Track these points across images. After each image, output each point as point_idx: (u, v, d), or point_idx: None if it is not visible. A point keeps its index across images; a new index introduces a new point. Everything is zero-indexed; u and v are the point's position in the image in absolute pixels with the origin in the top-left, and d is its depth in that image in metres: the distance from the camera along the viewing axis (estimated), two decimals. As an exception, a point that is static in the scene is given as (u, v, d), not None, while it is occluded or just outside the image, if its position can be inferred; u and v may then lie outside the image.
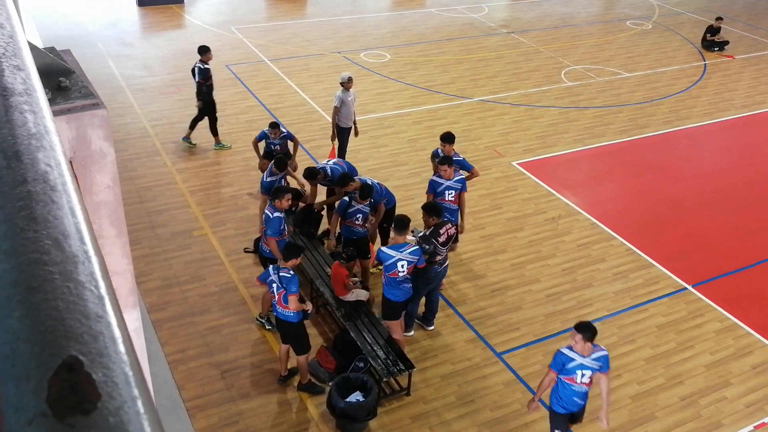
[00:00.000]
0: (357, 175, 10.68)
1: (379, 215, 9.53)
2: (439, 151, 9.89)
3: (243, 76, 16.66)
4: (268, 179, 9.88)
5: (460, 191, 9.42)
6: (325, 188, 10.58)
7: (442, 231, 8.34)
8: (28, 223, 0.83)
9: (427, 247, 8.19)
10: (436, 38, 20.06)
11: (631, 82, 17.78)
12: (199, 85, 12.71)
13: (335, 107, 11.99)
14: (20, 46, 1.32)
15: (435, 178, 9.43)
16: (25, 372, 0.66)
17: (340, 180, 9.49)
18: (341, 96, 11.90)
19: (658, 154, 14.29)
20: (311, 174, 9.93)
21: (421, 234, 8.35)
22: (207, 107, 12.95)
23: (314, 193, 10.37)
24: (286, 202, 8.51)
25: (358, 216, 9.20)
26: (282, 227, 8.58)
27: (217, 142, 13.33)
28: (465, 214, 9.68)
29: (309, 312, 7.81)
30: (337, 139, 12.36)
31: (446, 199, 9.32)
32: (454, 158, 9.53)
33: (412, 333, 8.98)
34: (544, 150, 14.04)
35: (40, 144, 1.00)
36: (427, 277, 8.43)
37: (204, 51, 12.63)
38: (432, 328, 9.10)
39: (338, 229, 9.61)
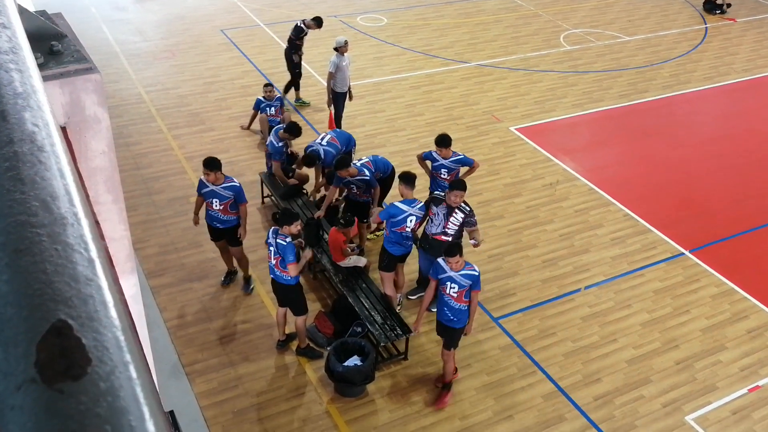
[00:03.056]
0: (354, 145, 10.58)
1: (374, 196, 9.55)
2: (434, 153, 9.31)
3: (238, 40, 16.45)
4: (279, 144, 9.96)
5: (456, 170, 9.32)
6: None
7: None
8: (15, 184, 0.80)
9: (476, 218, 8.36)
10: (434, 1, 19.78)
11: (631, 45, 17.60)
12: (290, 40, 13.10)
13: (330, 72, 11.86)
14: (5, 3, 1.28)
15: (433, 153, 9.33)
16: (13, 336, 0.64)
17: (335, 166, 9.30)
18: (336, 61, 11.77)
19: (657, 119, 14.21)
20: (310, 161, 9.79)
21: (468, 212, 8.24)
22: (292, 64, 13.22)
23: (318, 176, 10.29)
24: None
25: (352, 186, 9.26)
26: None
27: (297, 98, 13.69)
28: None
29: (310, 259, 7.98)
30: (332, 105, 12.26)
31: (441, 176, 9.29)
32: (453, 157, 9.25)
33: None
34: (543, 115, 13.95)
35: (27, 104, 0.97)
36: None
37: (316, 22, 13.06)
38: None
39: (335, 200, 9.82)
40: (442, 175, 9.26)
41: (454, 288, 7.16)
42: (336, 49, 11.83)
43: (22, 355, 0.62)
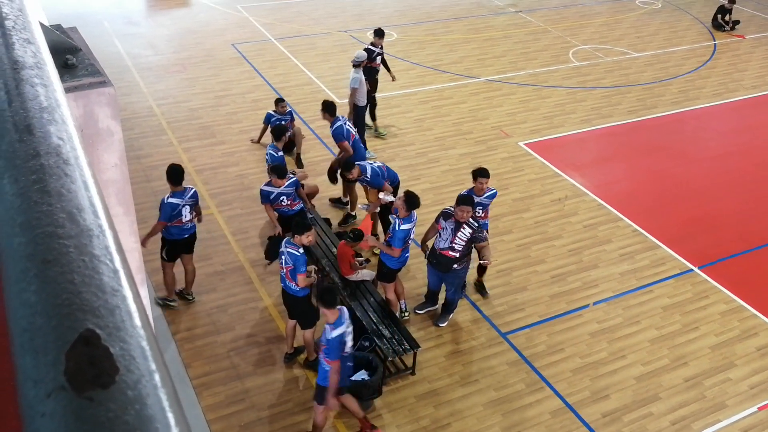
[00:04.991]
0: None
1: (371, 198, 9.69)
2: (467, 192, 8.72)
3: (249, 55, 16.58)
4: (279, 154, 9.94)
5: (489, 204, 9.11)
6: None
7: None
8: (42, 197, 0.82)
9: (484, 234, 8.34)
10: (443, 17, 19.89)
11: (640, 62, 17.63)
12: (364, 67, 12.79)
13: (355, 89, 11.86)
14: (29, 20, 1.31)
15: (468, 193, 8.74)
16: (43, 345, 0.65)
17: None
18: (359, 77, 11.84)
19: (666, 135, 14.20)
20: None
21: (476, 228, 8.18)
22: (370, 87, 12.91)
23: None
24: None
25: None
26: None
27: (375, 128, 13.33)
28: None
29: (314, 283, 7.90)
30: (352, 119, 12.24)
31: (476, 214, 8.69)
32: (487, 192, 8.89)
33: (446, 324, 8.92)
34: (551, 130, 13.97)
35: (52, 117, 1.00)
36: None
37: (377, 34, 12.88)
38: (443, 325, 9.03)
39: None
40: (477, 213, 8.76)
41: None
42: (358, 65, 11.87)
43: (52, 364, 0.63)
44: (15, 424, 0.67)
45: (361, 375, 7.62)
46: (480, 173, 8.82)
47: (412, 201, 8.22)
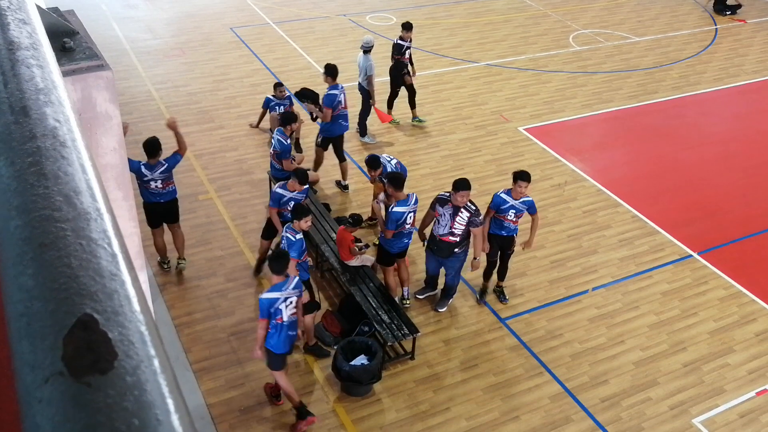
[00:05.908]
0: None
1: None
2: (503, 195, 8.45)
3: (247, 38, 16.48)
4: (288, 142, 9.73)
5: (526, 211, 8.65)
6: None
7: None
8: (39, 179, 0.81)
9: (481, 217, 8.31)
10: (443, 1, 19.76)
11: (641, 46, 17.54)
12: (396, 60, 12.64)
13: (372, 75, 11.79)
14: (24, 0, 1.29)
15: (503, 195, 8.47)
16: (40, 330, 0.64)
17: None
18: (373, 63, 11.80)
19: (666, 120, 14.15)
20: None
21: (474, 211, 8.16)
22: (394, 80, 12.77)
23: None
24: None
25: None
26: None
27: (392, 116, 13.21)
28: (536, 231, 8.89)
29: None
30: (362, 103, 12.22)
31: (508, 218, 8.51)
32: (523, 199, 8.45)
33: (445, 309, 8.95)
34: (552, 115, 13.92)
35: (48, 99, 0.98)
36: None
37: (405, 27, 12.63)
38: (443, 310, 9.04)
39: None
40: (509, 217, 8.50)
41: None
42: (368, 50, 11.79)
43: (50, 349, 0.62)
44: (13, 409, 0.66)
45: (361, 359, 7.65)
46: (521, 176, 8.34)
47: (395, 181, 8.26)
